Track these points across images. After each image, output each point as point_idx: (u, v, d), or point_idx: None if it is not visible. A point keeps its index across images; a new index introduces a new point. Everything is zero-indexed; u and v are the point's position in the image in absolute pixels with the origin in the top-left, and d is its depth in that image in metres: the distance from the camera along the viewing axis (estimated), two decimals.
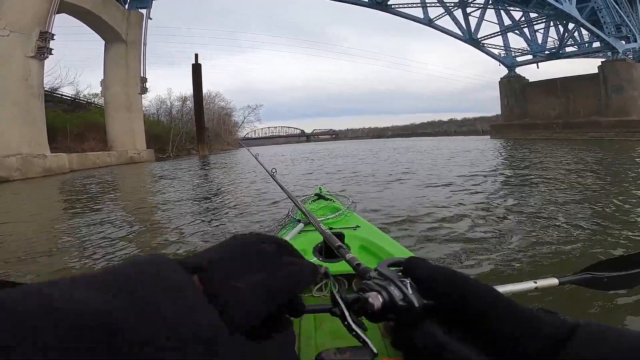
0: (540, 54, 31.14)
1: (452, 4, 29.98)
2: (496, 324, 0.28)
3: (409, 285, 0.33)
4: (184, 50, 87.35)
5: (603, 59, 27.13)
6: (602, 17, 26.06)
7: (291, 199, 1.37)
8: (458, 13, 30.85)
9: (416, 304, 0.31)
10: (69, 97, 27.05)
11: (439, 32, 32.02)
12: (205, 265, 0.25)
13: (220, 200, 6.26)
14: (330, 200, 2.18)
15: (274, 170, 1.85)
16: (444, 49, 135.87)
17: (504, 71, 33.35)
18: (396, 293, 0.33)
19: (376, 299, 0.33)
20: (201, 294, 0.22)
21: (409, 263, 0.36)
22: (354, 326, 0.34)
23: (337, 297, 0.35)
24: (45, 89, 24.00)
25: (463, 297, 0.30)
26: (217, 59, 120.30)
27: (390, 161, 13.28)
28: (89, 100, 28.90)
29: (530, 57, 32.19)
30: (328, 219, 1.69)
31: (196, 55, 31.47)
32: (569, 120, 26.14)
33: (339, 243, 0.61)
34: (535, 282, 0.64)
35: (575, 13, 25.32)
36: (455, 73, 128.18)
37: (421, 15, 31.06)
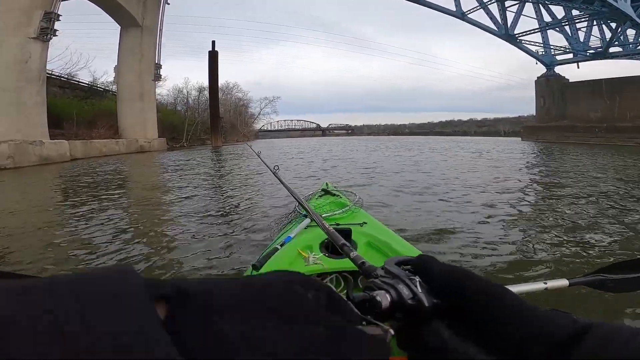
0: (582, 53, 28.59)
1: None
2: (506, 325, 0.27)
3: (418, 283, 0.32)
4: (207, 40, 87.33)
5: None
6: None
7: (294, 197, 1.23)
8: (493, 7, 28.73)
9: (426, 303, 0.30)
10: (85, 84, 26.63)
11: (469, 27, 30.11)
12: (175, 293, 0.19)
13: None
14: (337, 195, 2.18)
15: (276, 168, 1.76)
16: (467, 46, 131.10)
17: (533, 70, 31.08)
18: (405, 292, 0.31)
19: (384, 298, 0.31)
20: (159, 325, 0.16)
21: (419, 261, 0.35)
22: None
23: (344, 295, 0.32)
24: (62, 75, 23.72)
25: (472, 297, 0.29)
26: (237, 50, 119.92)
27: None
28: (106, 88, 28.44)
29: (570, 56, 29.68)
30: (335, 215, 1.67)
31: (213, 43, 30.49)
32: (613, 124, 23.77)
33: (343, 241, 0.60)
34: (546, 283, 0.63)
35: (630, 11, 23.41)
36: (478, 72, 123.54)
37: (453, 8, 29.08)
